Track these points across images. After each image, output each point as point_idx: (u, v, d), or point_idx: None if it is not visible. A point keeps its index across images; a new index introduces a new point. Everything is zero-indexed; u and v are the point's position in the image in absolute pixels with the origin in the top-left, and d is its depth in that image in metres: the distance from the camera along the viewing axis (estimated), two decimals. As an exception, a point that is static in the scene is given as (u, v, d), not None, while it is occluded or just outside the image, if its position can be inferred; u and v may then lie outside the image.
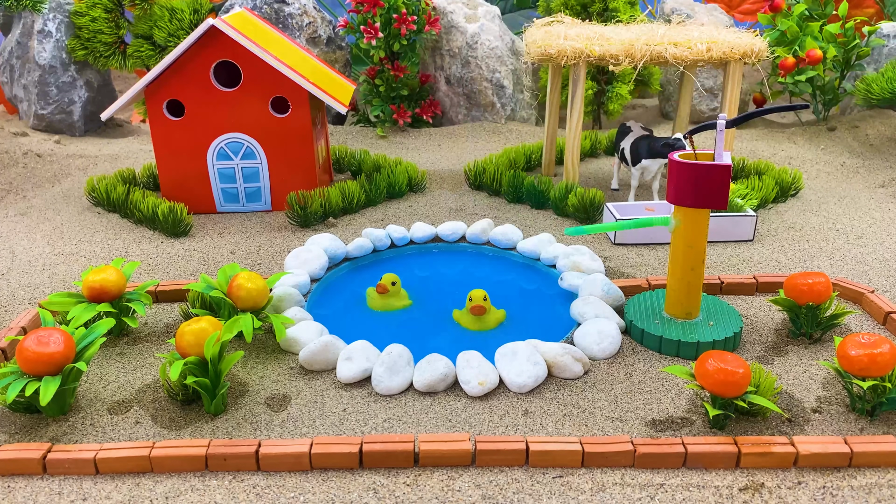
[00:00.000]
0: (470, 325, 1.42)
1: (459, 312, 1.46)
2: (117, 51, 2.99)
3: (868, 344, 1.12)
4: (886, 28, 3.07)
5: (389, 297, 1.50)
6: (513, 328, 1.44)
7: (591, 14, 3.05)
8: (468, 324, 1.43)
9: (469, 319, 1.43)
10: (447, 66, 3.12)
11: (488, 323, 1.42)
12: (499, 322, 1.44)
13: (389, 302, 1.50)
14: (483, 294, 1.42)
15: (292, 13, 3.07)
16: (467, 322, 1.43)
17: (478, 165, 2.27)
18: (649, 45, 1.94)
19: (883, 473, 1.04)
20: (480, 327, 1.42)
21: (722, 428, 1.12)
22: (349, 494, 1.00)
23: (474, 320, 1.42)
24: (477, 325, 1.42)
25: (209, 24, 1.88)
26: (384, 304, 1.49)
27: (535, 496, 1.00)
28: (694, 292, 1.36)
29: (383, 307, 1.49)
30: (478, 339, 1.39)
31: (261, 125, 2.00)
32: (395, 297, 1.50)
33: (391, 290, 1.49)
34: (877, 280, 1.63)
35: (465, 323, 1.43)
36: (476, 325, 1.42)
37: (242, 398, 1.21)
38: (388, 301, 1.50)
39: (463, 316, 1.44)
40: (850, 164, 2.55)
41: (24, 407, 1.16)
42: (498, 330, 1.43)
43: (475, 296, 1.42)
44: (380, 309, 1.49)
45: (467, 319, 1.43)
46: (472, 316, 1.42)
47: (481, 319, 1.42)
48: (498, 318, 1.44)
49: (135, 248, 1.84)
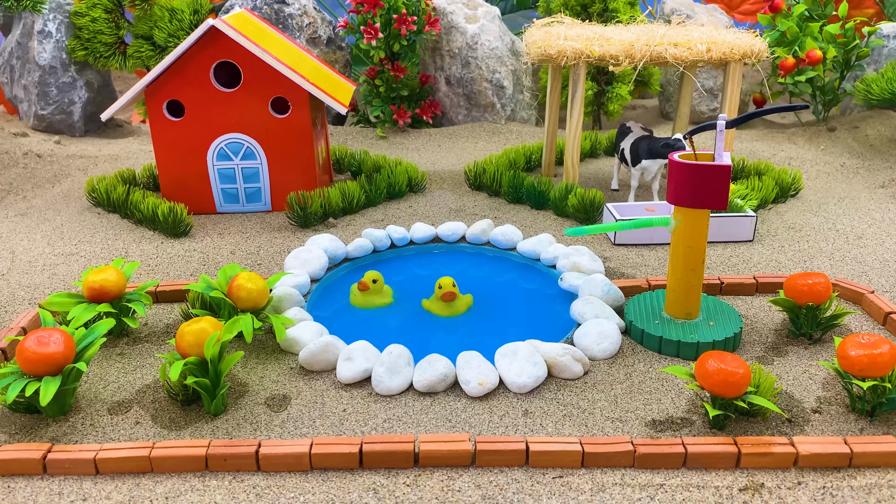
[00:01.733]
0: (441, 312, 1.50)
1: (429, 301, 1.52)
2: (117, 51, 2.99)
3: (868, 344, 1.12)
4: (886, 28, 3.07)
5: (370, 295, 1.53)
6: (512, 328, 1.44)
7: (590, 14, 3.05)
8: (439, 310, 1.50)
9: (440, 306, 1.50)
10: (447, 66, 3.12)
11: (458, 308, 1.50)
12: (468, 307, 1.51)
13: (370, 299, 1.53)
14: (451, 281, 1.49)
15: (292, 13, 3.07)
16: (438, 309, 1.50)
17: (478, 166, 2.27)
18: (649, 46, 1.94)
19: (883, 473, 1.04)
20: (451, 313, 1.49)
21: (722, 428, 1.12)
22: (349, 495, 1.00)
23: (445, 307, 1.49)
24: (448, 310, 1.49)
25: (209, 25, 1.89)
26: (365, 301, 1.53)
27: (535, 496, 1.00)
28: (694, 293, 1.36)
29: (364, 304, 1.53)
30: (477, 340, 1.39)
31: (261, 125, 2.00)
32: (377, 295, 1.53)
33: (372, 288, 1.52)
34: (877, 280, 1.63)
35: (436, 310, 1.50)
36: (447, 311, 1.49)
37: (242, 398, 1.21)
38: (369, 298, 1.53)
39: (433, 304, 1.51)
40: (849, 165, 2.55)
41: (25, 407, 1.16)
42: (487, 323, 1.44)
43: (444, 283, 1.49)
44: (361, 306, 1.53)
45: (438, 307, 1.50)
46: (443, 303, 1.49)
47: (451, 305, 1.49)
48: (466, 303, 1.52)
49: (135, 249, 1.84)
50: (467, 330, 1.44)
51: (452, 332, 1.43)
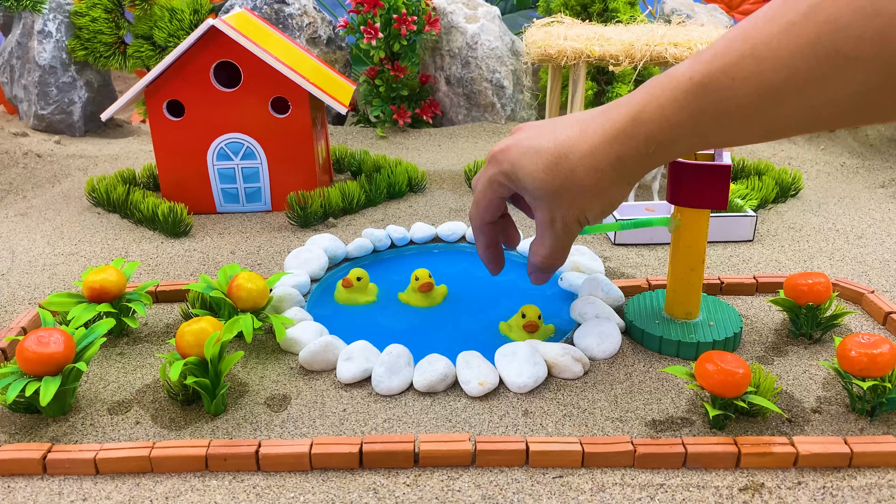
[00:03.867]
0: (419, 303, 1.52)
1: (406, 294, 1.54)
2: (117, 51, 2.99)
3: (868, 344, 1.12)
4: (886, 28, 3.07)
5: (353, 292, 1.54)
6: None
7: (591, 14, 3.05)
8: (417, 302, 1.52)
9: (417, 298, 1.52)
10: (447, 66, 3.12)
11: (436, 299, 1.53)
12: (443, 297, 1.55)
13: (353, 296, 1.54)
14: (427, 272, 1.53)
15: (292, 13, 3.07)
16: (416, 300, 1.52)
17: (478, 166, 2.27)
18: (649, 46, 1.94)
19: (883, 473, 1.04)
20: (429, 303, 1.52)
21: (722, 428, 1.12)
22: (349, 494, 1.00)
23: (423, 298, 1.52)
24: (426, 301, 1.52)
25: (209, 25, 1.88)
26: (348, 299, 1.54)
27: (535, 496, 1.00)
28: (694, 293, 1.36)
29: (347, 301, 1.54)
30: (479, 339, 1.39)
31: (261, 125, 2.00)
32: (360, 292, 1.54)
33: (356, 285, 1.54)
34: (877, 280, 1.63)
35: (414, 302, 1.53)
36: (425, 301, 1.52)
37: (242, 398, 1.21)
38: (351, 295, 1.54)
39: (411, 296, 1.53)
40: (850, 165, 2.55)
41: (24, 407, 1.16)
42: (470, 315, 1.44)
43: (421, 275, 1.52)
44: (344, 302, 1.54)
45: (416, 298, 1.52)
46: (421, 294, 1.52)
47: (429, 296, 1.53)
48: (442, 293, 1.55)
49: (135, 249, 1.84)
50: (467, 330, 1.44)
51: (452, 331, 1.43)
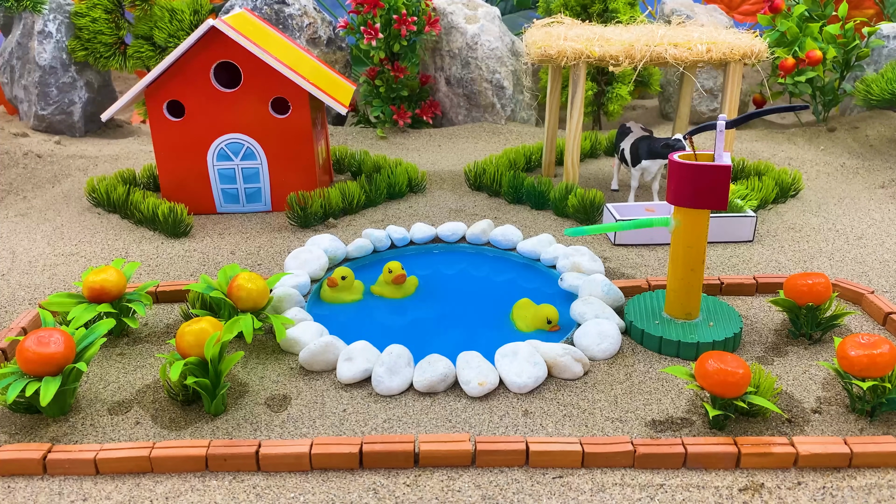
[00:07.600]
0: (391, 295, 1.57)
1: (378, 287, 1.59)
2: (117, 51, 2.99)
3: (868, 344, 1.12)
4: (886, 29, 3.07)
5: (339, 291, 1.56)
6: (512, 328, 1.44)
7: (590, 15, 3.05)
8: (391, 293, 1.57)
9: (390, 290, 1.57)
10: (447, 66, 3.12)
11: (408, 290, 1.58)
12: (415, 287, 1.60)
13: (339, 296, 1.56)
14: (399, 264, 1.57)
15: (292, 14, 3.07)
16: (389, 292, 1.57)
17: (478, 166, 2.27)
18: (649, 46, 1.94)
19: (883, 474, 1.04)
20: (401, 295, 1.57)
21: (722, 428, 1.12)
22: (349, 495, 1.00)
23: (395, 289, 1.57)
24: (399, 293, 1.57)
25: (209, 25, 1.89)
26: (333, 298, 1.57)
27: (535, 496, 1.00)
28: (694, 293, 1.36)
29: (332, 300, 1.57)
30: (477, 340, 1.39)
31: (261, 126, 2.00)
32: (345, 291, 1.57)
33: (341, 285, 1.56)
34: (877, 280, 1.63)
35: (388, 293, 1.58)
36: (397, 293, 1.57)
37: (242, 398, 1.21)
38: (337, 295, 1.56)
39: (383, 288, 1.58)
40: (849, 165, 2.55)
41: (25, 407, 1.16)
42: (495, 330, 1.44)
43: (394, 267, 1.57)
44: (330, 301, 1.57)
45: (388, 290, 1.58)
46: (393, 286, 1.57)
47: (401, 288, 1.57)
48: (414, 284, 1.60)
49: (135, 249, 1.85)
50: (467, 330, 1.44)
51: (451, 331, 1.43)
